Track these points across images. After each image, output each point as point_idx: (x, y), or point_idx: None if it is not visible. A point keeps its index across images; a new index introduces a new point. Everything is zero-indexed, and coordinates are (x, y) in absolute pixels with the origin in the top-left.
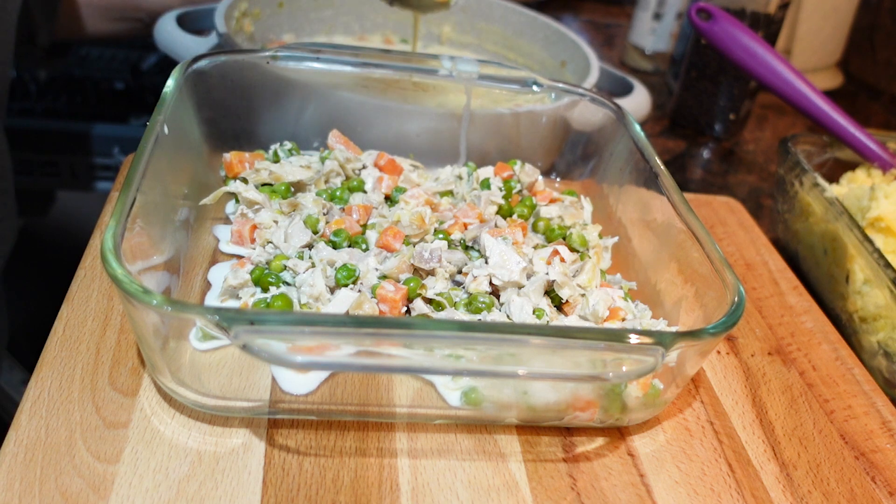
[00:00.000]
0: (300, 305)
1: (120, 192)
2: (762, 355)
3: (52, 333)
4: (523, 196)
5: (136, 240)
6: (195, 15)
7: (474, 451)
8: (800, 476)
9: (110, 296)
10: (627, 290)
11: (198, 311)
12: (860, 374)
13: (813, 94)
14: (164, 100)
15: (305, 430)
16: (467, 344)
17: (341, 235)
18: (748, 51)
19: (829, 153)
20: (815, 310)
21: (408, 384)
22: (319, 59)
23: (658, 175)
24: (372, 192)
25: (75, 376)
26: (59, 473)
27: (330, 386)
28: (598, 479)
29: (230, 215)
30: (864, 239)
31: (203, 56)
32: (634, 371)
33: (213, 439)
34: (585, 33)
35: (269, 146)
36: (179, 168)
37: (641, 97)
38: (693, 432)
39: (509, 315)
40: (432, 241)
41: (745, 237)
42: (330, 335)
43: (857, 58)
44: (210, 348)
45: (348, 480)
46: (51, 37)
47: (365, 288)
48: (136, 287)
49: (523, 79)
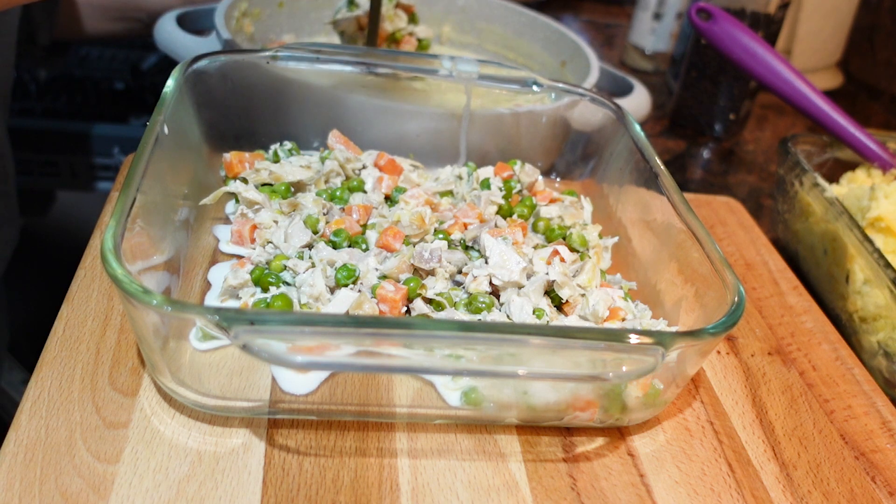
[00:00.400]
0: (300, 305)
1: (120, 192)
2: (762, 355)
3: (52, 333)
4: (523, 196)
5: (136, 240)
6: (195, 15)
7: (474, 451)
8: (800, 476)
9: (110, 296)
10: (627, 290)
11: (198, 311)
12: (860, 374)
13: (813, 94)
14: (164, 100)
15: (305, 430)
16: (467, 344)
17: (341, 235)
18: (748, 51)
19: (829, 153)
20: (815, 310)
21: (408, 384)
22: (319, 59)
23: (658, 175)
24: (372, 192)
25: (75, 376)
26: (58, 473)
27: (330, 386)
28: (598, 479)
29: (230, 215)
30: (864, 239)
31: (203, 56)
32: (634, 371)
33: (213, 439)
34: (585, 33)
35: (269, 146)
36: (179, 168)
37: (641, 97)
38: (693, 432)
39: (509, 315)
40: (432, 241)
41: (745, 237)
42: (330, 335)
43: (857, 58)
44: (210, 348)
45: (348, 480)
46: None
47: (365, 288)
48: (136, 287)
49: (523, 79)
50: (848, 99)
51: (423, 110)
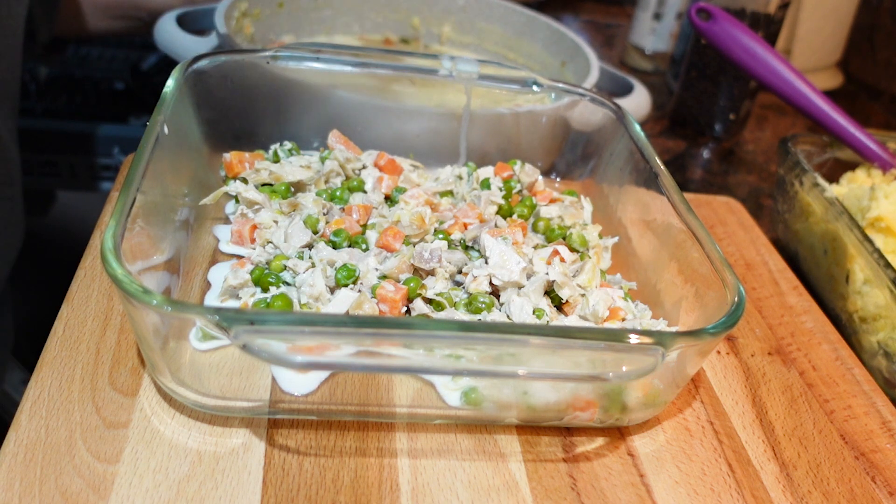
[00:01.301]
0: (300, 305)
1: (120, 192)
2: (762, 355)
3: (52, 333)
4: (523, 196)
5: (136, 240)
6: (195, 15)
7: (474, 451)
8: (800, 476)
9: (110, 296)
10: (627, 290)
11: (198, 311)
12: (860, 374)
13: (813, 94)
14: (164, 100)
15: (305, 430)
16: (467, 344)
17: (341, 235)
18: (748, 51)
19: (829, 153)
20: (815, 310)
21: (408, 384)
22: (319, 59)
23: (658, 175)
24: (372, 192)
25: (75, 376)
26: (59, 473)
27: (330, 386)
28: (598, 479)
29: (230, 215)
30: (864, 239)
31: (203, 56)
32: (634, 371)
33: (213, 439)
34: (585, 33)
35: (269, 146)
36: (179, 168)
37: (641, 97)
38: (693, 432)
39: (509, 315)
40: (432, 241)
41: (745, 237)
42: (330, 335)
43: (857, 58)
44: (210, 348)
45: (348, 480)
46: (51, 34)
47: (365, 288)
48: (136, 287)
49: (523, 79)
50: (848, 99)
51: (424, 110)
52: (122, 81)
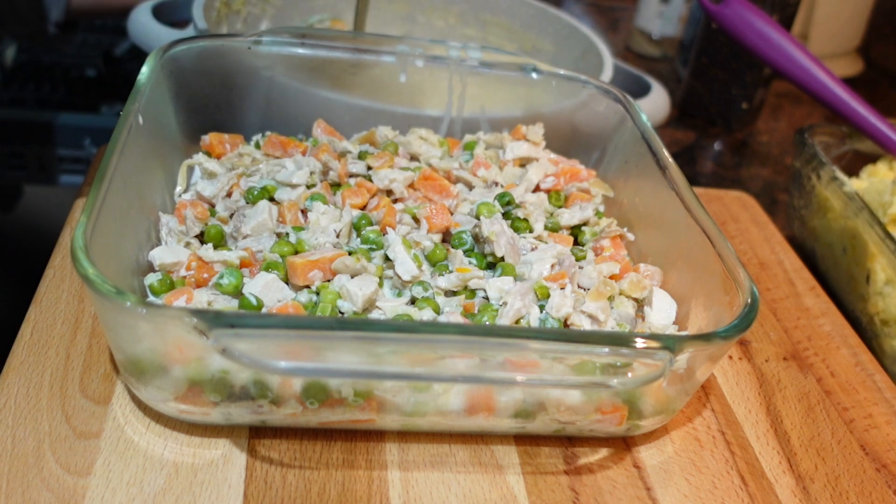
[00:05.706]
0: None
1: (91, 187)
2: (777, 360)
3: (18, 337)
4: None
5: (109, 237)
6: (172, 5)
7: (470, 463)
8: (817, 489)
9: (81, 297)
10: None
11: (175, 313)
12: (881, 380)
13: (831, 82)
14: (139, 88)
15: (289, 441)
16: (464, 348)
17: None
18: (762, 35)
19: (848, 145)
20: (834, 312)
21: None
22: (304, 45)
23: (666, 168)
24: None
25: (44, 383)
26: (26, 487)
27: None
28: (601, 493)
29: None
30: (886, 236)
31: (180, 41)
32: (640, 378)
33: (190, 450)
34: (589, 17)
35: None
36: (155, 160)
37: (660, 98)
38: (703, 443)
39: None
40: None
41: (759, 234)
42: (315, 339)
43: (879, 43)
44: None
45: (335, 495)
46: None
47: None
48: (109, 288)
49: (522, 65)
50: (868, 87)
51: (419, 113)
52: (93, 68)
